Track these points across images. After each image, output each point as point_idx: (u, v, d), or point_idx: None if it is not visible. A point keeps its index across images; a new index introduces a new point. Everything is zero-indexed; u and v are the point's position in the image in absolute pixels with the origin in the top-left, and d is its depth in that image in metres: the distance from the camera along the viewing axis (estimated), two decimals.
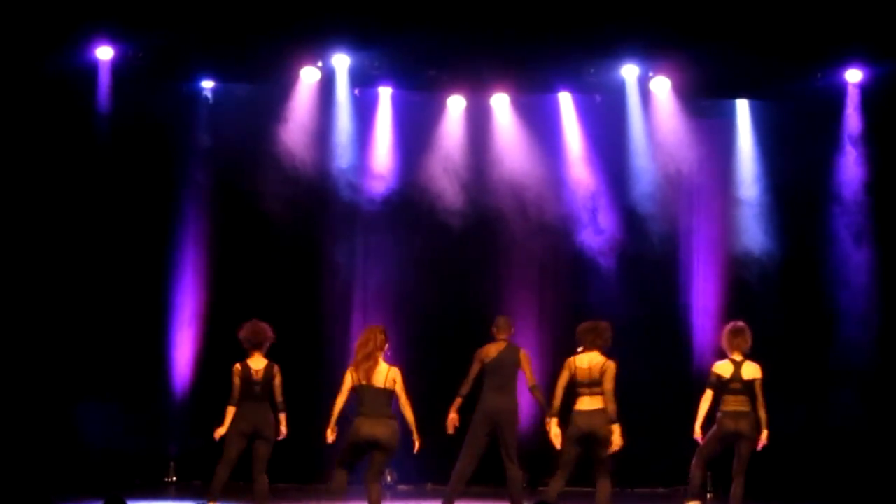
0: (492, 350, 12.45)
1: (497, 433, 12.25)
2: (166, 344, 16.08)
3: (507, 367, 12.36)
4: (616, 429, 11.20)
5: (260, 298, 15.75)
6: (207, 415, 15.52)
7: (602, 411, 11.30)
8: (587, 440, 11.34)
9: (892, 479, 14.98)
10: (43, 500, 6.79)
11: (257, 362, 11.75)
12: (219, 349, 15.46)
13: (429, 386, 15.61)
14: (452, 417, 12.41)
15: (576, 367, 11.47)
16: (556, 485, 11.54)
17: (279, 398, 11.76)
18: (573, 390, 11.43)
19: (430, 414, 15.39)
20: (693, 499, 12.06)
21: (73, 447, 15.16)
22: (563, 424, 11.41)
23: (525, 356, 12.44)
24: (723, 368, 11.94)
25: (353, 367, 11.24)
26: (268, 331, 11.88)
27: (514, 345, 12.52)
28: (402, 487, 15.94)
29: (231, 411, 11.63)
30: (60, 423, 15.23)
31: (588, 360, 11.45)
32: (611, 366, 11.40)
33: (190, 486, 15.63)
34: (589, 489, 11.93)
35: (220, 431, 11.64)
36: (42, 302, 15.34)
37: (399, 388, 11.22)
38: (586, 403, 11.36)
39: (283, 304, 15.74)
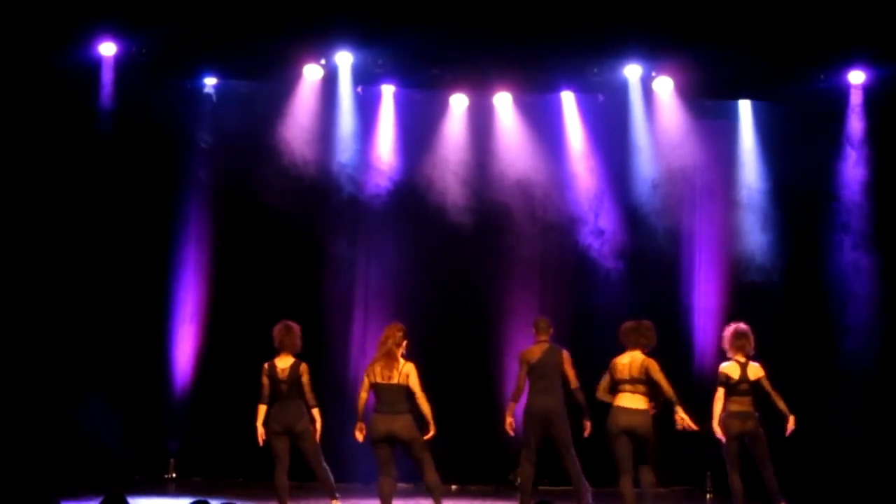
0: (536, 352, 12.58)
1: (550, 432, 12.39)
2: (167, 340, 16.06)
3: (551, 367, 12.45)
4: (678, 410, 11.45)
5: (261, 296, 15.78)
6: (208, 412, 15.60)
7: (642, 412, 11.46)
8: (629, 436, 11.50)
9: (893, 483, 14.98)
10: (43, 495, 6.78)
11: (284, 361, 11.87)
12: (220, 346, 15.51)
13: (430, 383, 15.60)
14: (510, 422, 12.55)
15: (615, 365, 11.66)
16: (627, 486, 11.65)
17: (308, 395, 11.87)
18: (615, 388, 11.64)
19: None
20: None
21: (73, 443, 15.16)
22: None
23: (567, 357, 12.53)
24: (731, 369, 12.04)
25: (371, 365, 11.43)
26: (295, 333, 11.99)
27: (556, 346, 12.63)
28: (402, 486, 15.92)
29: (261, 409, 11.82)
30: (61, 419, 15.22)
31: (629, 358, 11.65)
32: (651, 362, 11.59)
33: (190, 482, 15.63)
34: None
35: (260, 433, 11.79)
36: (43, 298, 15.33)
37: (413, 383, 11.46)
38: (626, 400, 11.57)
39: (284, 301, 15.72)
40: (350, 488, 14.93)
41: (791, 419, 11.98)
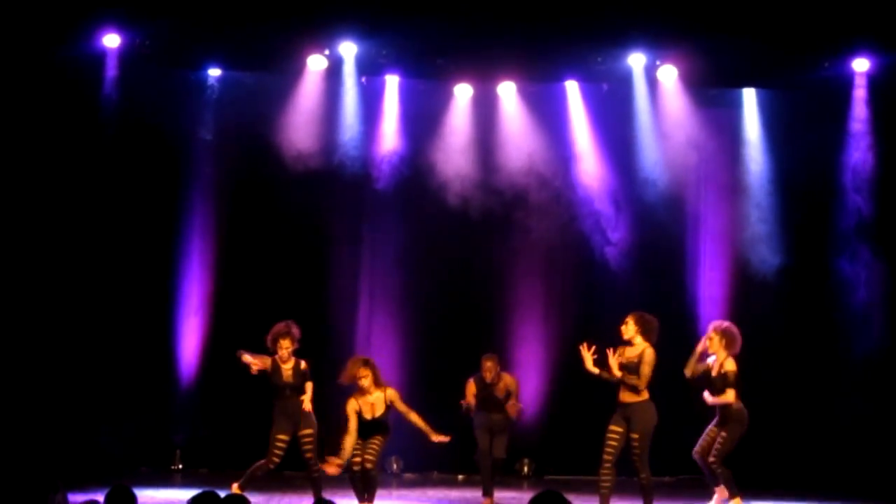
0: None
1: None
2: (173, 333, 16.07)
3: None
4: None
5: (266, 287, 15.79)
6: (214, 403, 15.60)
7: None
8: None
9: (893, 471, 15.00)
10: (49, 486, 6.79)
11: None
12: (225, 338, 15.47)
13: (435, 373, 15.60)
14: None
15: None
16: None
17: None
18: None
19: (436, 401, 15.43)
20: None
21: (79, 435, 15.18)
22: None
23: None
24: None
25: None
26: (271, 331, 12.23)
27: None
28: (408, 476, 15.96)
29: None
30: (67, 411, 15.24)
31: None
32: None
33: (196, 473, 15.66)
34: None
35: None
36: (49, 291, 15.34)
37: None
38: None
39: (289, 292, 15.77)
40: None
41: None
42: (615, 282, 15.99)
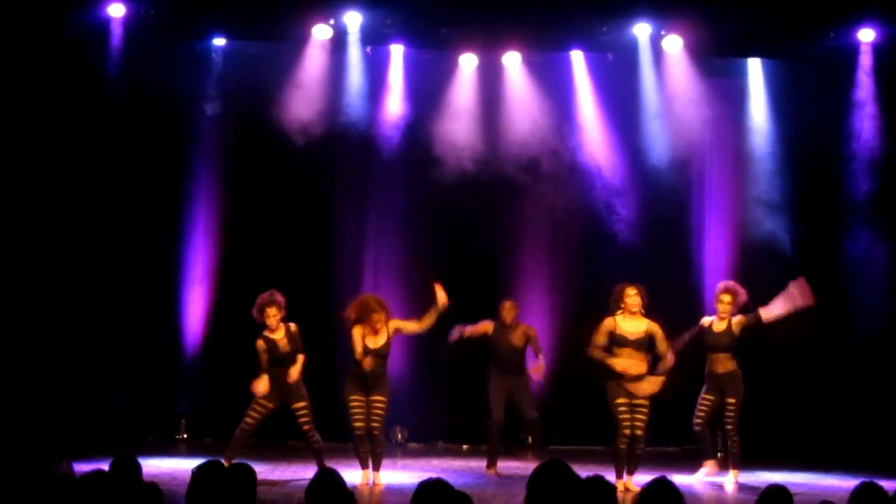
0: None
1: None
2: (178, 302, 16.09)
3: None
4: None
5: (272, 256, 15.80)
6: (218, 373, 15.63)
7: None
8: None
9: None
10: (54, 455, 6.82)
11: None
12: (230, 307, 15.49)
13: (440, 342, 15.63)
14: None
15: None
16: None
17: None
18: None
19: (440, 369, 15.48)
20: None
21: (84, 404, 15.21)
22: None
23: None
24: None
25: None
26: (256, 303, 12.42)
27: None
28: (413, 445, 15.99)
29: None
30: (73, 381, 15.26)
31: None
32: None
33: (201, 443, 15.69)
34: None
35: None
36: (54, 261, 15.34)
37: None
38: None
39: (294, 261, 15.78)
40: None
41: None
42: (619, 252, 15.96)
